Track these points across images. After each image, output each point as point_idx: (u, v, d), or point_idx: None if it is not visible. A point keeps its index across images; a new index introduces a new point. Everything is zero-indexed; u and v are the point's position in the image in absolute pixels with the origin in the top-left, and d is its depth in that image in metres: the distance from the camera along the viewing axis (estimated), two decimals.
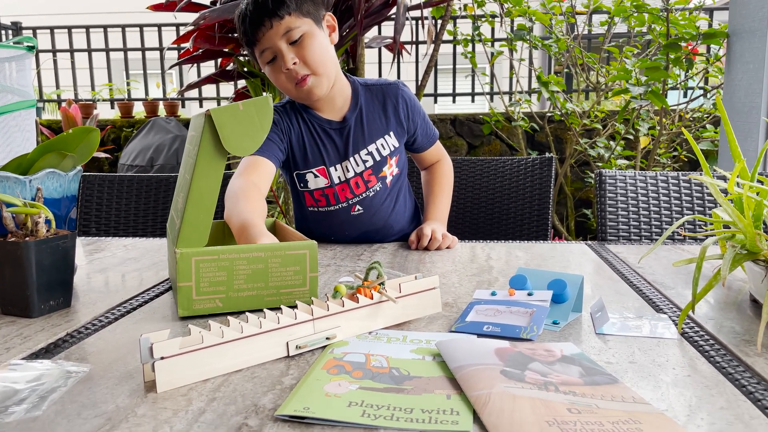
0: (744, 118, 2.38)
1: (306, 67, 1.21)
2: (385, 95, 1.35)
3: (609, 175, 1.45)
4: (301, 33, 1.20)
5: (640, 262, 1.11)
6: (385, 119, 1.34)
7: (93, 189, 1.72)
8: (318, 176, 1.32)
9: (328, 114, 1.33)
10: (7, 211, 0.82)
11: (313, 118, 1.32)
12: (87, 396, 0.59)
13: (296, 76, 1.21)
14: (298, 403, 0.55)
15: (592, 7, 3.34)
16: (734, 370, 0.63)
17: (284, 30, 1.19)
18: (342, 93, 1.32)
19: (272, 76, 1.24)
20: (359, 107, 1.33)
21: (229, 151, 0.82)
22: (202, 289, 0.82)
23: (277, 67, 1.22)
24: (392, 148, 1.35)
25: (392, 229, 1.40)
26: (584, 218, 3.72)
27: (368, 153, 1.33)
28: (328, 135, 1.32)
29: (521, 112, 3.58)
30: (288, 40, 1.20)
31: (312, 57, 1.21)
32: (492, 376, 0.59)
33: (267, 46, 1.21)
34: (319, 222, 1.37)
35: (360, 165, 1.32)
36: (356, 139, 1.32)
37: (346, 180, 1.32)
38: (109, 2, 7.83)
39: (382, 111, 1.34)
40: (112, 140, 4.22)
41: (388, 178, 1.36)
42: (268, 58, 1.22)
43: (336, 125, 1.32)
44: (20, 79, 1.19)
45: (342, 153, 1.32)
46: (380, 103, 1.35)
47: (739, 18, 2.44)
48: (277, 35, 1.19)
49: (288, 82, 1.23)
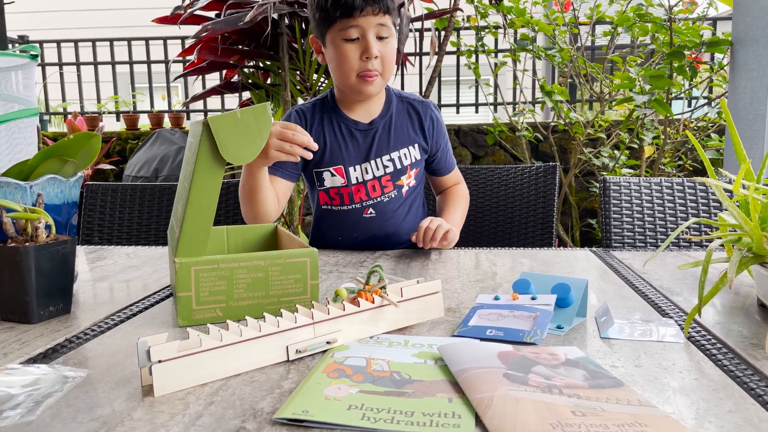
0: (749, 125, 2.37)
1: (382, 66, 1.25)
2: (416, 109, 1.38)
3: (613, 182, 1.44)
4: (388, 34, 1.25)
5: (645, 267, 1.09)
6: (412, 131, 1.37)
7: (96, 198, 1.72)
8: (335, 175, 1.33)
9: (357, 116, 1.35)
10: (7, 217, 0.81)
11: (341, 117, 1.35)
12: (83, 400, 0.58)
13: (370, 70, 1.24)
14: (297, 407, 0.54)
15: (595, 17, 3.34)
16: (742, 374, 0.62)
17: (380, 23, 1.23)
18: (378, 99, 1.36)
19: (342, 53, 1.24)
20: (389, 114, 1.36)
21: (226, 159, 0.82)
22: (202, 298, 0.81)
23: (355, 48, 1.23)
24: (413, 160, 1.36)
25: (400, 237, 1.39)
26: (589, 228, 3.70)
27: (390, 159, 1.34)
28: (353, 135, 1.34)
29: (525, 122, 3.57)
30: (377, 34, 1.23)
31: (389, 60, 1.26)
32: (495, 379, 0.58)
33: (359, 26, 1.22)
34: (330, 221, 1.39)
35: (380, 169, 1.34)
36: (381, 143, 1.34)
37: (363, 182, 1.34)
38: (115, 16, 7.90)
39: (410, 123, 1.37)
40: (118, 152, 4.23)
41: (404, 188, 1.37)
42: (351, 36, 1.22)
43: (363, 127, 1.34)
44: (25, 88, 1.20)
45: (364, 155, 1.34)
46: (409, 116, 1.37)
47: (743, 26, 2.44)
48: (373, 24, 1.22)
49: (357, 67, 1.24)
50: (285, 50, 2.75)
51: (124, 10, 7.87)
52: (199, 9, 2.77)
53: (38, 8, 7.95)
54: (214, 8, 2.83)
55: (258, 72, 3.10)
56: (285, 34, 2.76)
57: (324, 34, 1.27)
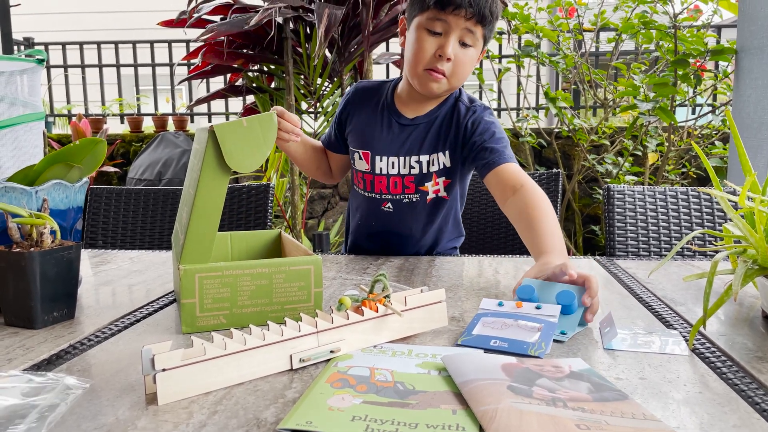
0: (753, 134, 2.36)
1: (452, 70, 1.22)
2: (461, 111, 1.30)
3: (617, 190, 1.44)
4: (472, 42, 1.21)
5: (650, 278, 1.09)
6: (449, 134, 1.30)
7: (100, 202, 1.72)
8: (362, 159, 1.34)
9: (406, 110, 1.33)
10: (12, 222, 0.81)
11: (389, 104, 1.34)
12: (87, 408, 0.58)
13: (439, 67, 1.21)
14: (301, 417, 0.54)
15: (599, 24, 3.34)
16: (747, 387, 0.62)
17: (469, 28, 1.19)
18: (436, 100, 1.32)
19: (420, 41, 1.21)
20: (436, 116, 1.31)
21: (231, 167, 0.82)
22: (205, 305, 0.81)
23: (434, 41, 1.20)
24: (441, 166, 1.30)
25: (417, 244, 1.38)
26: (592, 235, 3.70)
27: (418, 161, 1.30)
28: (390, 127, 1.32)
29: (528, 128, 3.57)
30: (461, 38, 1.20)
31: (463, 68, 1.23)
32: (499, 391, 0.58)
33: (447, 22, 1.18)
34: (357, 201, 1.42)
35: (406, 168, 1.31)
36: (414, 142, 1.31)
37: (386, 174, 1.32)
38: (121, 19, 7.93)
39: (449, 125, 1.30)
40: (122, 155, 4.25)
41: (429, 195, 1.32)
42: (435, 28, 1.19)
43: (404, 121, 1.32)
44: (30, 92, 1.20)
45: (395, 149, 1.31)
46: (453, 118, 1.30)
47: (748, 34, 2.43)
48: (461, 26, 1.18)
49: (428, 60, 1.21)
50: (290, 54, 2.76)
51: (130, 13, 7.91)
52: (205, 13, 2.78)
53: (44, 10, 7.98)
54: (219, 12, 2.85)
55: (262, 76, 3.11)
56: (290, 38, 2.77)
57: (413, 17, 1.23)
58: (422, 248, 1.40)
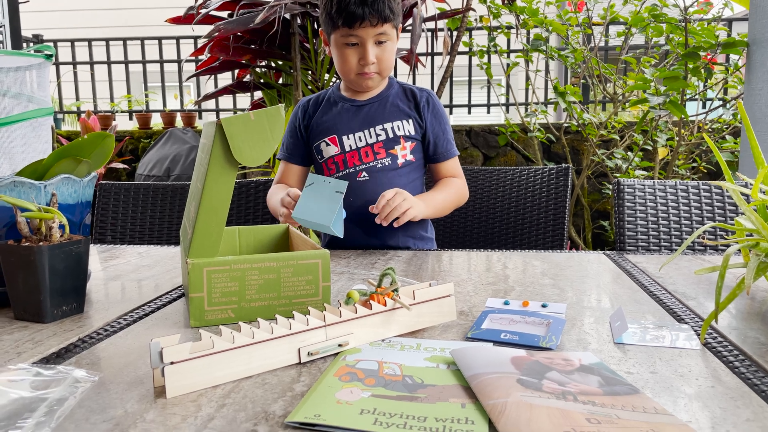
0: (765, 127, 2.34)
1: (378, 67, 1.38)
2: (413, 93, 1.47)
3: (627, 184, 1.43)
4: (386, 39, 1.36)
5: (660, 272, 1.08)
6: (407, 108, 1.44)
7: (109, 197, 1.73)
8: (330, 144, 1.44)
9: (355, 97, 1.46)
10: (21, 216, 0.82)
11: (340, 97, 1.47)
12: (96, 401, 0.58)
13: (367, 71, 1.37)
14: (309, 410, 0.54)
15: (609, 17, 3.32)
16: (760, 381, 0.61)
17: (380, 32, 1.34)
18: (380, 86, 1.46)
19: (342, 56, 1.37)
20: (387, 95, 1.45)
21: (239, 161, 0.82)
22: (214, 299, 0.81)
23: (354, 52, 1.36)
24: (407, 132, 1.43)
25: None
26: (602, 230, 3.68)
27: (383, 129, 1.42)
28: (348, 110, 1.45)
29: (537, 123, 3.55)
30: (376, 41, 1.35)
31: (387, 62, 1.39)
32: (508, 384, 0.58)
33: (358, 35, 1.33)
34: None
35: (373, 137, 1.42)
36: (375, 115, 1.43)
37: (357, 148, 1.42)
38: (129, 16, 7.96)
39: (406, 102, 1.45)
40: (130, 151, 4.26)
41: (399, 159, 1.42)
42: (351, 41, 1.35)
43: (359, 103, 1.45)
44: (39, 87, 1.20)
45: (358, 125, 1.43)
46: (406, 97, 1.46)
47: (759, 27, 2.41)
48: (372, 34, 1.34)
49: (355, 68, 1.37)
50: (297, 50, 2.76)
51: (138, 10, 7.93)
52: (212, 9, 2.78)
53: (53, 7, 8.01)
54: (227, 8, 2.84)
55: (270, 72, 3.10)
56: (297, 33, 2.76)
57: (329, 34, 1.39)
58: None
